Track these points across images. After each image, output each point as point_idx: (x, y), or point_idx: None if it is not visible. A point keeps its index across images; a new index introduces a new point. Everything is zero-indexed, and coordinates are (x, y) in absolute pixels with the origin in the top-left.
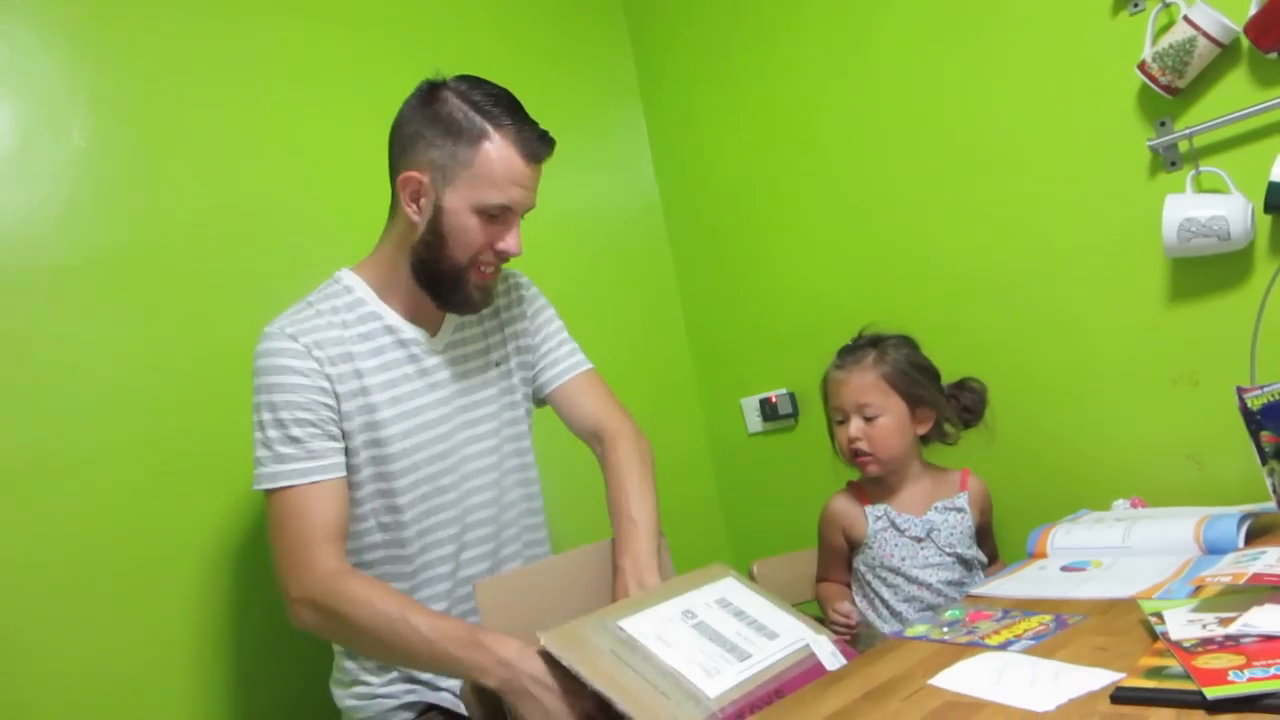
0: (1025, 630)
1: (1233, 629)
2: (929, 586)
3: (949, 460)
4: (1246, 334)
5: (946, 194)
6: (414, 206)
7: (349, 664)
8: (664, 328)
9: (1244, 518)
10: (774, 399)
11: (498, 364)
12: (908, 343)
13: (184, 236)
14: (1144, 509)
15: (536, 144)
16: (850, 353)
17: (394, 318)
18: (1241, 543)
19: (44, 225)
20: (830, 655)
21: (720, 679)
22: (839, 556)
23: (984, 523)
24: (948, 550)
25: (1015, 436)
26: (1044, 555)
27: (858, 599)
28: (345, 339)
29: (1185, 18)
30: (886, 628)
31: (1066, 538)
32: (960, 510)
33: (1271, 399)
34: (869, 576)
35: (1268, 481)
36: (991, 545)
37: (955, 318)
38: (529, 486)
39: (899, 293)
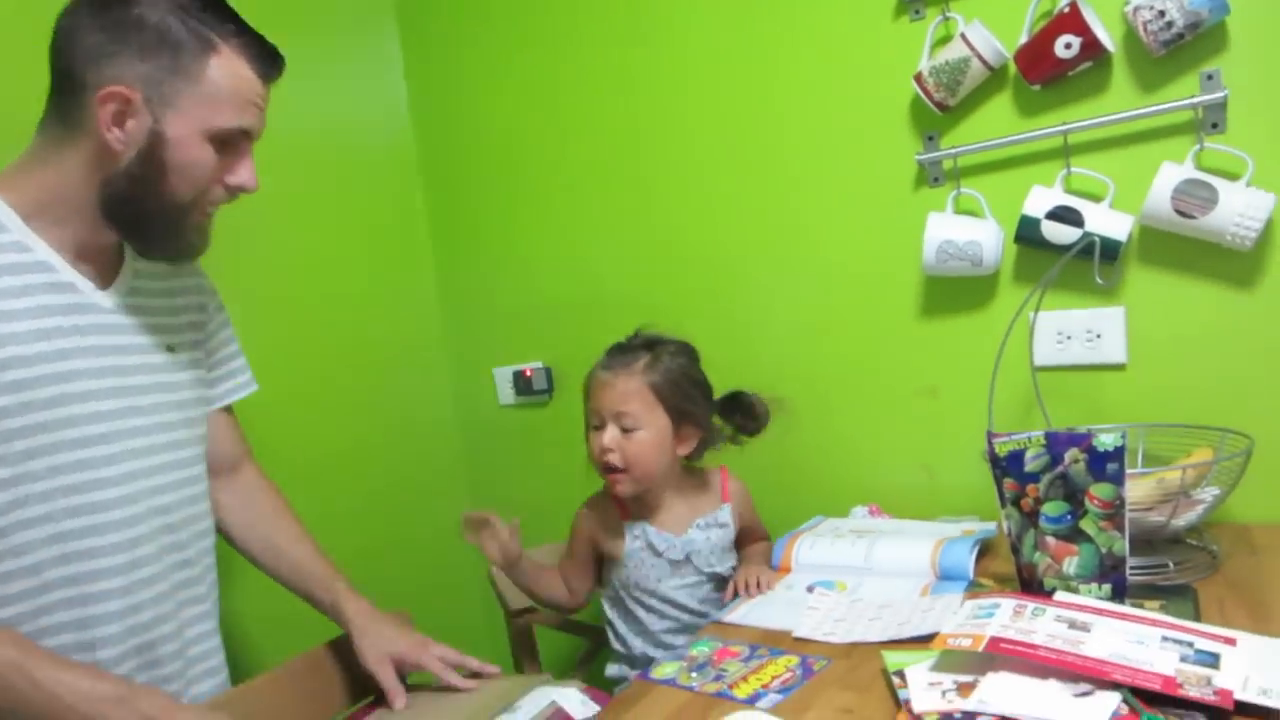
0: (773, 678)
1: (971, 704)
2: (685, 608)
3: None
4: (985, 354)
5: (716, 182)
6: (117, 131)
7: None
8: (410, 280)
9: (974, 544)
10: (529, 372)
11: (170, 349)
12: (685, 352)
13: None
14: (882, 519)
15: (270, 60)
16: (621, 353)
17: (47, 253)
18: (972, 566)
19: None
20: (580, 705)
21: None
22: (583, 564)
23: (744, 526)
24: (706, 570)
25: (762, 436)
26: (788, 569)
27: (613, 615)
28: None
29: (962, 35)
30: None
31: (811, 552)
32: (723, 526)
33: (1015, 448)
34: (624, 595)
35: (1004, 524)
36: (759, 533)
37: (713, 309)
38: (201, 522)
39: (662, 278)
